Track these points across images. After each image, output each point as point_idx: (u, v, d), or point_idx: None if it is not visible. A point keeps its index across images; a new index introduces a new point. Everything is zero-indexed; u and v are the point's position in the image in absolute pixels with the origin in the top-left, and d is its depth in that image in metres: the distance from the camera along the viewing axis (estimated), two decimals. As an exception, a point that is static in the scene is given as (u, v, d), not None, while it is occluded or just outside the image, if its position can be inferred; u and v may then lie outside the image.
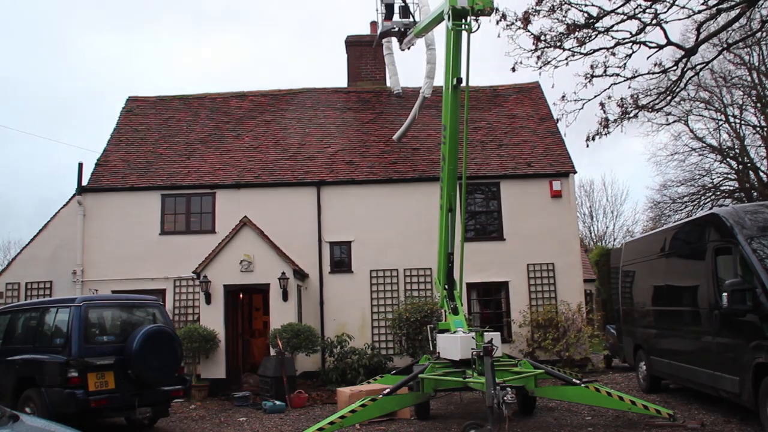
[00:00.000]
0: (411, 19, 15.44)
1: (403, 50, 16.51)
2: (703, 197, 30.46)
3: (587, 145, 12.72)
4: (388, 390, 9.01)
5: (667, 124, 30.25)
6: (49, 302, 10.57)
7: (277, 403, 12.07)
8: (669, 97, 13.23)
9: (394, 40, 17.15)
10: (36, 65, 76.29)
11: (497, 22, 11.80)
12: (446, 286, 11.43)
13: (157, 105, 19.94)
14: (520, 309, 16.09)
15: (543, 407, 10.72)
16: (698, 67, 14.02)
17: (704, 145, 30.77)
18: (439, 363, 10.19)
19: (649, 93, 13.49)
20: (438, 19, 11.84)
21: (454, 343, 9.69)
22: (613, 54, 12.03)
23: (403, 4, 15.55)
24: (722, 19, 12.39)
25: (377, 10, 16.23)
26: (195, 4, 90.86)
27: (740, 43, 18.78)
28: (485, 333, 9.55)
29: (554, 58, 12.13)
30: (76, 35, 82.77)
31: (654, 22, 11.57)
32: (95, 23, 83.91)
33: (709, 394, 9.49)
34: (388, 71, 19.38)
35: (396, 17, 15.68)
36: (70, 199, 17.23)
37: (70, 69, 78.20)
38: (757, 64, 27.43)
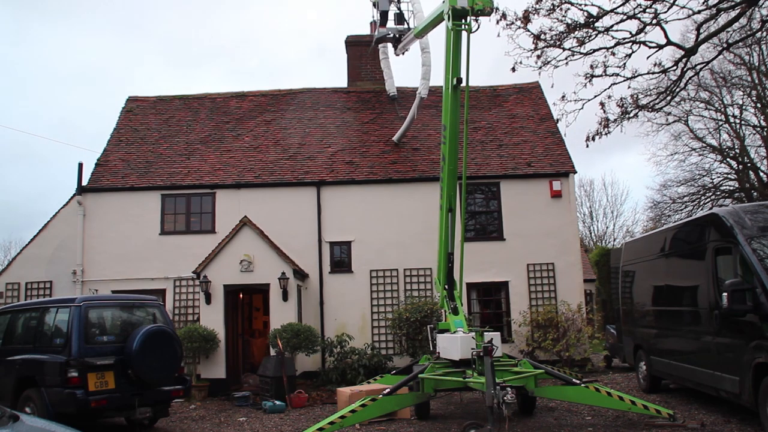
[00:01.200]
0: (405, 26, 15.81)
1: (398, 55, 16.93)
2: (703, 197, 30.43)
3: (587, 145, 12.72)
4: (388, 390, 9.00)
5: (667, 124, 30.25)
6: (49, 302, 10.55)
7: (277, 403, 12.07)
8: (669, 97, 13.24)
9: (390, 45, 17.40)
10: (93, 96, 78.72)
11: (497, 22, 11.86)
12: (446, 286, 11.43)
13: (157, 105, 19.93)
14: (520, 309, 16.08)
15: (543, 407, 10.72)
16: (698, 67, 14.02)
17: (704, 145, 30.77)
18: (439, 363, 10.19)
19: (649, 93, 13.51)
20: (438, 20, 11.85)
21: (454, 343, 9.70)
22: (613, 54, 12.06)
23: (397, 11, 15.81)
24: (722, 19, 12.39)
25: (373, 16, 16.54)
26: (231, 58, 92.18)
27: (740, 43, 18.75)
28: (485, 333, 9.58)
29: (554, 58, 12.18)
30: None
31: (654, 21, 11.59)
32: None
33: (709, 394, 9.48)
34: (384, 75, 19.54)
35: (390, 24, 16.04)
36: (70, 199, 17.20)
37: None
38: (757, 64, 27.40)
